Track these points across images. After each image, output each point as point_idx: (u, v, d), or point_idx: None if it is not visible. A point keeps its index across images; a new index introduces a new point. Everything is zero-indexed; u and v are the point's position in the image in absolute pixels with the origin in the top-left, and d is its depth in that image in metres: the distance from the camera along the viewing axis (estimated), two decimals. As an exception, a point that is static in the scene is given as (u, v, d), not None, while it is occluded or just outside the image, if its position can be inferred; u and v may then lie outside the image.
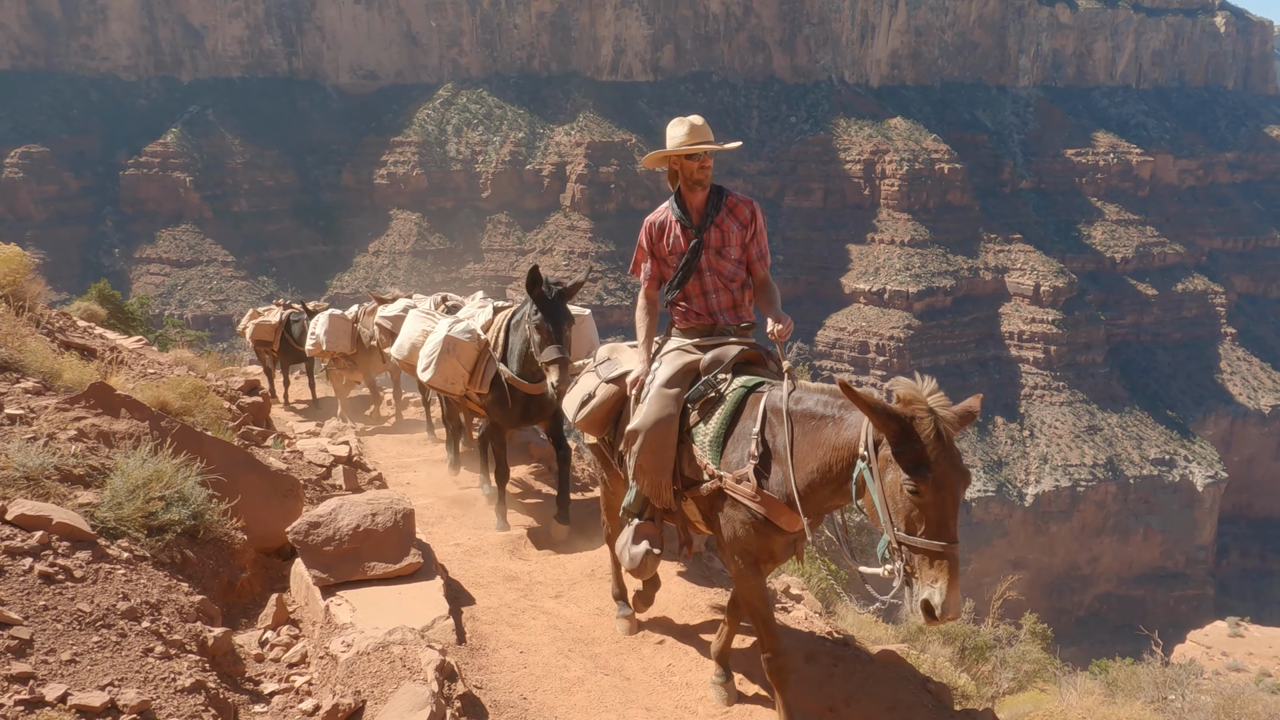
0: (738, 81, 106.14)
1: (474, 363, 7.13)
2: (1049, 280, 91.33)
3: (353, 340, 13.00)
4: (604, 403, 4.89)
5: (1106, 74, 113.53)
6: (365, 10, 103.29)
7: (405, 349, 8.18)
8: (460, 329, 7.16)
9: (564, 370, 6.04)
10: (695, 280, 4.67)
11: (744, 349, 4.48)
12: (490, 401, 7.09)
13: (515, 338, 6.87)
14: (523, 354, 6.75)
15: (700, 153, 4.62)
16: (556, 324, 6.24)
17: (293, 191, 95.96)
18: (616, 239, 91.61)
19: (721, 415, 4.14)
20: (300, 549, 4.76)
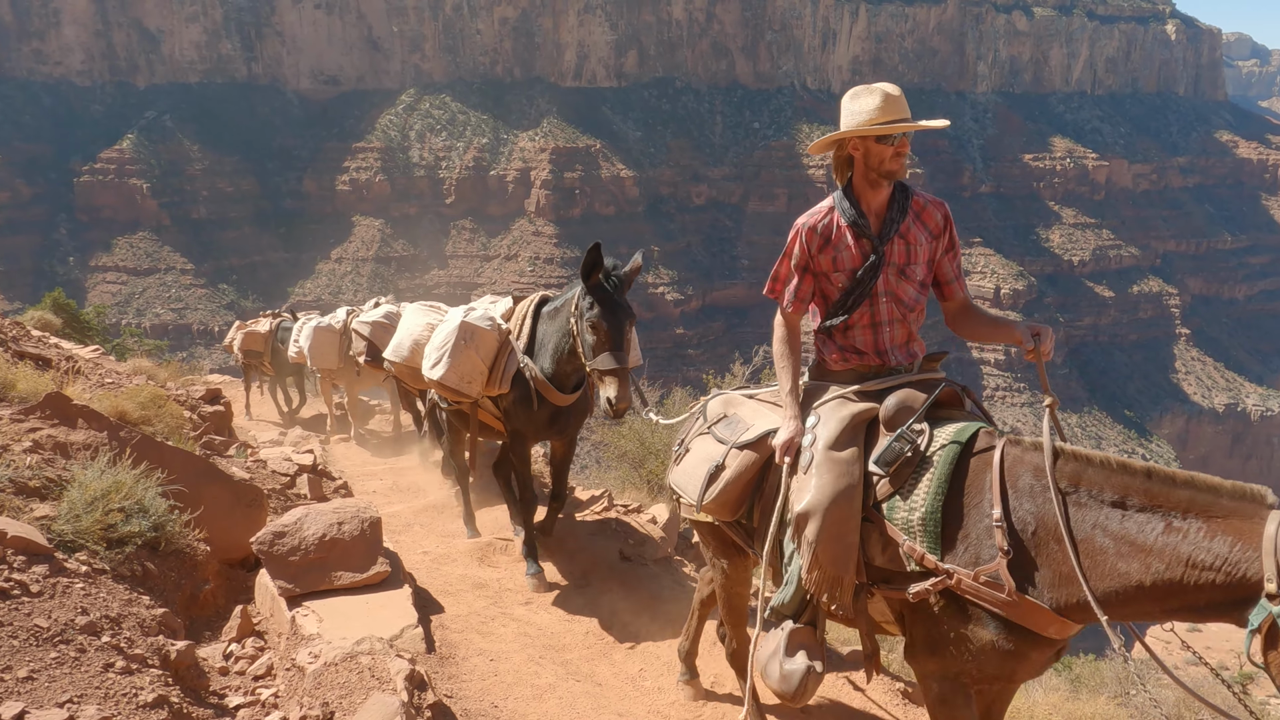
0: (701, 87, 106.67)
1: (493, 357, 5.93)
2: (1009, 283, 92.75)
3: (340, 355, 11.90)
4: (740, 475, 3.70)
5: (1062, 80, 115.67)
6: (326, 15, 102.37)
7: (406, 347, 6.81)
8: (477, 315, 6.05)
9: (624, 384, 4.96)
10: (865, 307, 3.59)
11: (939, 388, 3.44)
12: (511, 404, 5.91)
13: (548, 329, 5.73)
14: (559, 352, 5.59)
15: (897, 133, 3.54)
16: (618, 324, 5.07)
17: (253, 198, 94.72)
18: (582, 245, 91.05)
19: (932, 485, 3.08)
20: (265, 559, 4.69)
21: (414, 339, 6.74)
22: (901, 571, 3.12)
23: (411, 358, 6.73)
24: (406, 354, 6.78)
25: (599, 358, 5.04)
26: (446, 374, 5.89)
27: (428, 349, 6.19)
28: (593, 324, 5.09)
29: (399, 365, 6.97)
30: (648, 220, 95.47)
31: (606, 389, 4.97)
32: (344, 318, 12.13)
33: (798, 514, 3.29)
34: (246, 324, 15.87)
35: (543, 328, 5.81)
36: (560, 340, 5.58)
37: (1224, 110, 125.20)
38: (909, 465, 3.16)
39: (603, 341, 5.05)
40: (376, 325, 9.86)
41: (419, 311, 7.02)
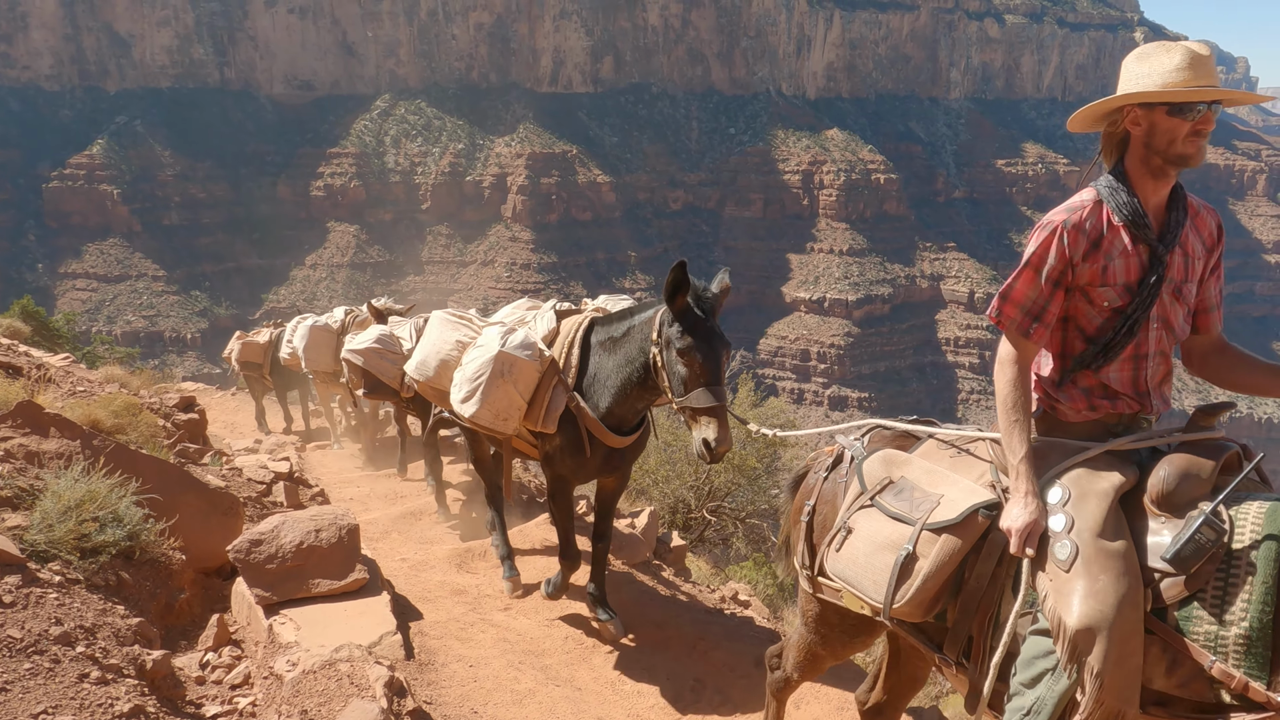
0: (677, 93, 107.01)
1: (534, 390, 5.10)
2: (983, 287, 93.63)
3: (336, 355, 10.64)
4: (942, 568, 2.82)
5: (1034, 87, 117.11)
6: (300, 20, 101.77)
7: (432, 367, 5.77)
8: (517, 341, 5.13)
9: (724, 425, 4.26)
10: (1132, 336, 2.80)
11: (1225, 451, 2.66)
12: (557, 449, 5.07)
13: (606, 362, 4.91)
14: (624, 388, 4.79)
15: (1202, 104, 2.62)
16: (714, 355, 4.35)
17: (226, 204, 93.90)
18: (559, 250, 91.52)
19: (1256, 593, 2.33)
20: (241, 568, 4.66)
21: (441, 358, 5.72)
22: (1198, 700, 2.39)
23: (438, 379, 5.75)
24: (432, 374, 5.77)
25: (693, 394, 4.29)
26: (479, 412, 5.10)
27: (458, 376, 5.34)
28: (684, 355, 4.32)
29: (422, 385, 5.94)
30: (625, 226, 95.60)
31: (703, 430, 4.26)
32: (341, 317, 11.24)
33: (1074, 630, 2.45)
34: (246, 335, 15.02)
35: (598, 360, 4.96)
36: (627, 375, 4.76)
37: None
38: (1212, 562, 2.41)
39: (697, 375, 4.32)
40: (371, 353, 8.27)
41: (448, 325, 5.87)
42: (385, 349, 8.26)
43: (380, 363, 8.22)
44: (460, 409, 5.21)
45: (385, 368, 8.15)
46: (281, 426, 14.51)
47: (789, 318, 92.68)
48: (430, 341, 5.88)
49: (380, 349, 8.28)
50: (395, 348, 8.19)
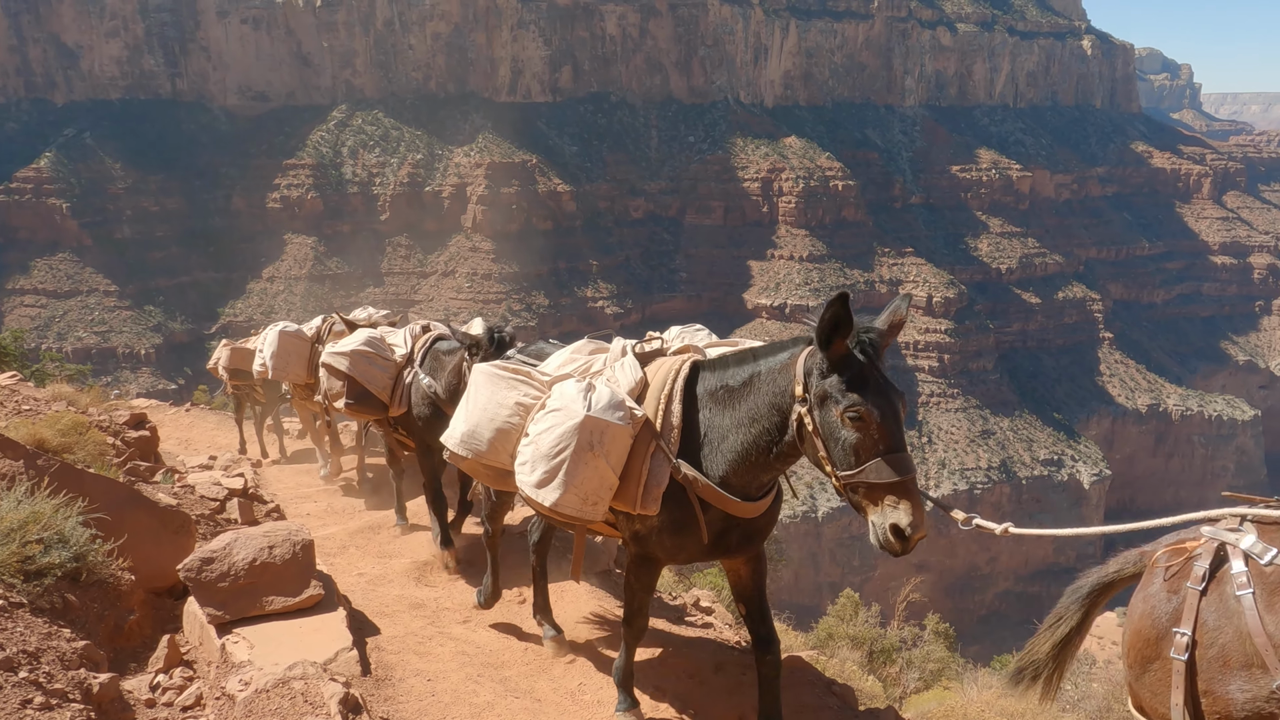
0: (636, 102, 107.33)
1: (626, 460, 4.06)
2: (940, 291, 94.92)
3: (310, 365, 9.83)
4: None
5: (986, 94, 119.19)
6: (253, 30, 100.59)
7: (484, 438, 4.50)
8: (604, 401, 4.06)
9: (917, 503, 3.35)
10: None
11: None
12: (655, 529, 4.09)
13: (721, 419, 3.96)
14: (751, 453, 3.84)
15: None
16: (895, 413, 3.48)
17: (179, 217, 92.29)
18: (520, 260, 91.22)
19: None
20: (193, 587, 4.59)
21: (498, 427, 4.46)
22: None
23: (494, 454, 4.48)
24: (486, 448, 4.47)
25: (869, 466, 3.34)
26: (564, 498, 4.01)
27: (527, 451, 4.19)
28: (854, 417, 3.39)
29: (470, 462, 4.61)
30: (586, 235, 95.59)
31: (888, 512, 3.32)
32: (318, 324, 10.30)
33: None
34: (235, 342, 13.50)
35: (708, 417, 4.00)
36: (752, 437, 3.82)
37: (1138, 122, 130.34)
38: None
39: (874, 441, 3.37)
40: (358, 357, 7.04)
41: (500, 382, 4.58)
42: (375, 353, 7.10)
43: (369, 369, 7.06)
44: (536, 495, 4.09)
45: (374, 375, 7.04)
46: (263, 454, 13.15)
47: (751, 324, 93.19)
48: (479, 405, 4.55)
49: (369, 353, 7.09)
50: (386, 353, 7.17)
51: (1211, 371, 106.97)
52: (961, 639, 13.57)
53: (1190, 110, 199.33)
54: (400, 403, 6.99)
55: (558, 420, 4.06)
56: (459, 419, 4.66)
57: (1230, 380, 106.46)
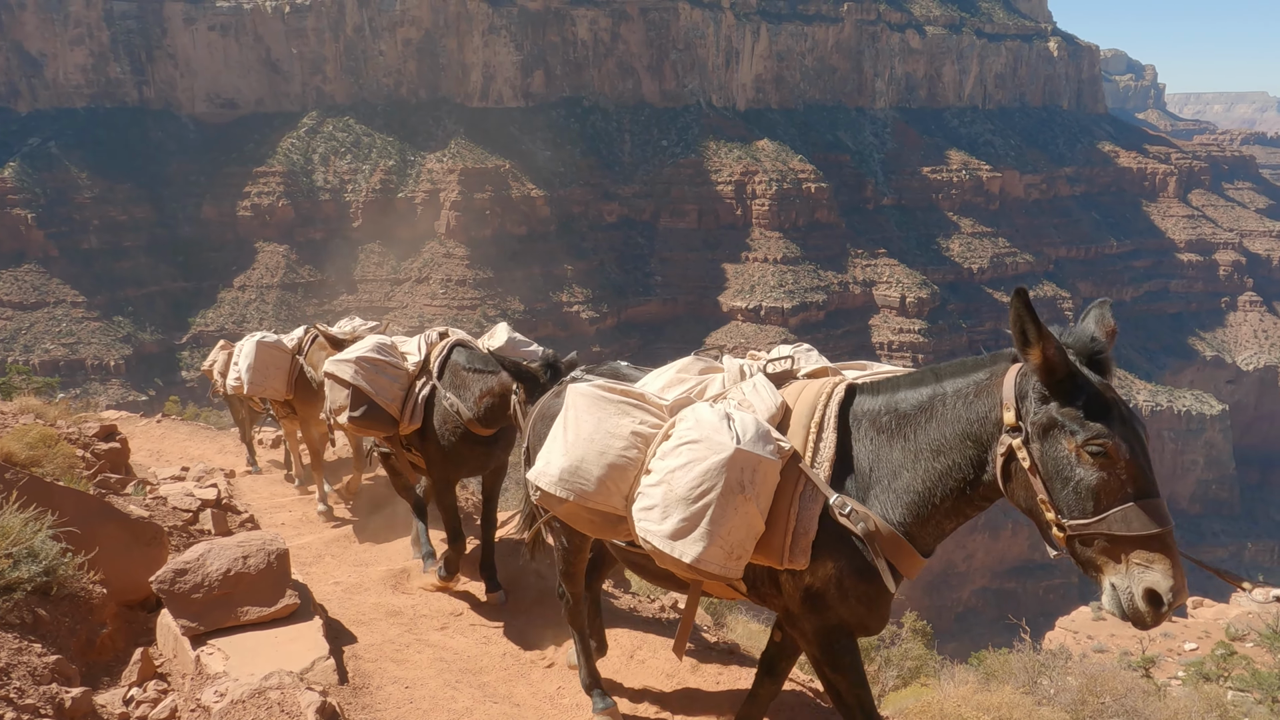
0: (609, 106, 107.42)
1: (773, 499, 3.37)
2: (914, 292, 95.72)
3: (290, 380, 9.16)
4: None
5: (955, 95, 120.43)
6: (221, 37, 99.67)
7: (593, 476, 3.69)
8: (753, 431, 3.35)
9: (1177, 562, 2.71)
10: None
11: None
12: (822, 585, 3.36)
13: (888, 449, 3.27)
14: (927, 496, 3.18)
15: None
16: (1143, 447, 2.81)
17: (148, 226, 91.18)
18: (494, 265, 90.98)
19: None
20: (166, 598, 4.55)
21: (610, 463, 3.65)
22: None
23: (603, 495, 3.66)
24: (594, 488, 3.65)
25: (1113, 515, 2.71)
26: (708, 552, 3.27)
27: (656, 494, 3.41)
28: (1096, 449, 2.74)
29: (571, 506, 3.77)
30: (560, 239, 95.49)
31: (1135, 573, 2.71)
32: (300, 335, 9.48)
33: None
34: (232, 344, 12.24)
35: (871, 448, 3.31)
36: (935, 475, 3.15)
37: (1105, 122, 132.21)
38: None
39: (1120, 482, 2.74)
40: (366, 365, 6.23)
41: (607, 407, 3.77)
42: (385, 361, 6.27)
43: (377, 379, 6.20)
44: (671, 548, 3.33)
45: (384, 386, 6.19)
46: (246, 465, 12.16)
47: (726, 327, 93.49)
48: (583, 434, 3.72)
49: (379, 361, 6.24)
50: (398, 361, 6.35)
51: (1180, 367, 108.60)
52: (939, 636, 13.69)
53: (1155, 110, 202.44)
54: (413, 418, 6.10)
55: (697, 454, 3.31)
56: (555, 453, 3.77)
57: (1198, 375, 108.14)
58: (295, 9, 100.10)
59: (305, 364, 8.97)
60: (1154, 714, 6.70)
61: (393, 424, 6.23)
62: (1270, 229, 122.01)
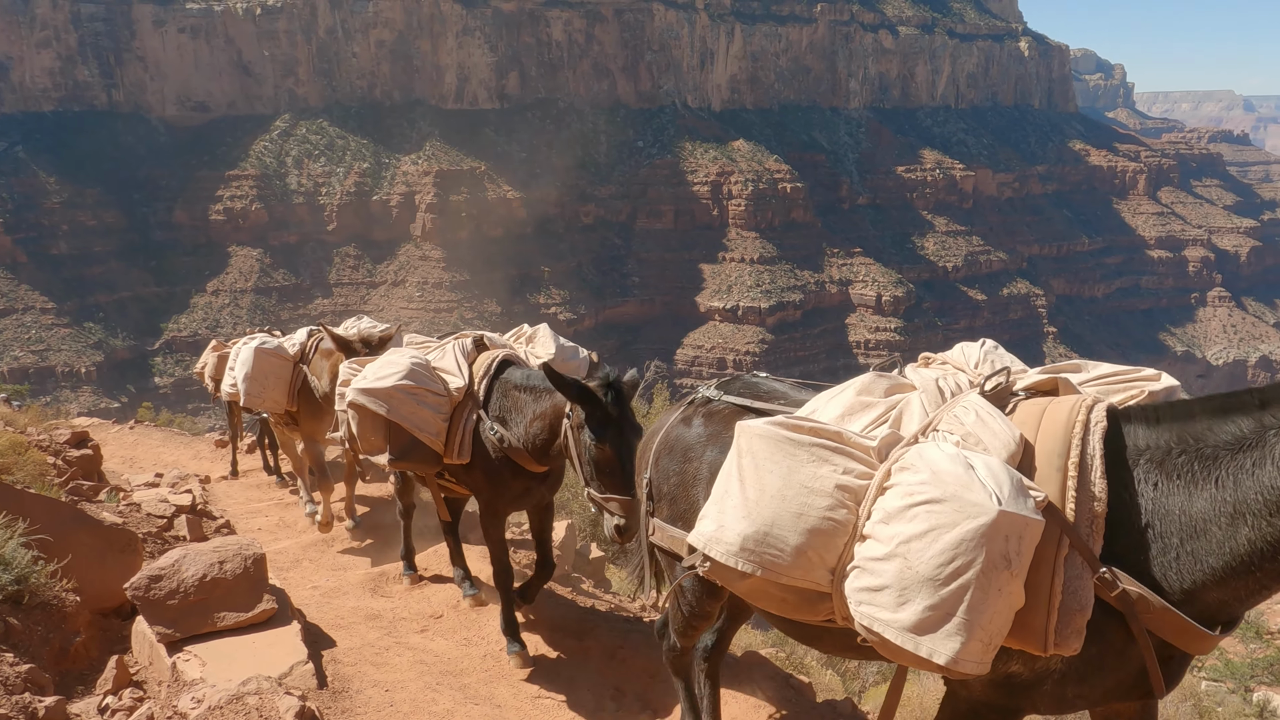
0: (584, 107, 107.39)
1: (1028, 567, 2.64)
2: (889, 290, 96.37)
3: (292, 392, 8.14)
4: None
5: (928, 95, 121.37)
6: (191, 39, 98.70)
7: (786, 544, 2.87)
8: (1009, 486, 2.56)
9: None
10: None
11: None
12: (1064, 673, 2.72)
13: (1188, 497, 2.55)
14: (1249, 557, 2.44)
15: None
16: None
17: (118, 231, 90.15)
18: (471, 268, 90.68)
19: None
20: (141, 605, 4.49)
21: (810, 526, 2.83)
22: None
23: (802, 568, 2.87)
24: (789, 560, 2.85)
25: None
26: (967, 648, 2.52)
27: (885, 568, 2.64)
28: None
29: (755, 581, 2.95)
30: (536, 241, 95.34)
31: None
32: (302, 340, 8.37)
33: None
34: (227, 345, 11.34)
35: (1157, 497, 2.58)
36: (1272, 536, 2.40)
37: (1075, 121, 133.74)
38: None
39: None
40: (400, 394, 5.18)
41: (797, 452, 2.92)
42: (423, 388, 5.21)
43: (417, 411, 5.18)
44: (916, 645, 2.56)
45: (427, 419, 5.19)
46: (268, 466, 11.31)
47: (704, 327, 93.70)
48: (768, 490, 2.87)
49: (414, 387, 5.18)
50: (435, 385, 5.25)
51: (1151, 362, 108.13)
52: (918, 631, 13.78)
53: (1124, 109, 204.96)
54: (461, 451, 5.14)
55: (943, 518, 2.54)
56: (730, 513, 2.92)
57: (1169, 370, 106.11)
58: (266, 11, 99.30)
59: (309, 373, 7.89)
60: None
61: (438, 461, 5.28)
62: (1237, 225, 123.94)
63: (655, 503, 3.79)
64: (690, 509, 3.51)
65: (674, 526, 3.64)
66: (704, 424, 3.68)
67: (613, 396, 4.35)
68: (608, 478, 4.30)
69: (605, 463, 4.29)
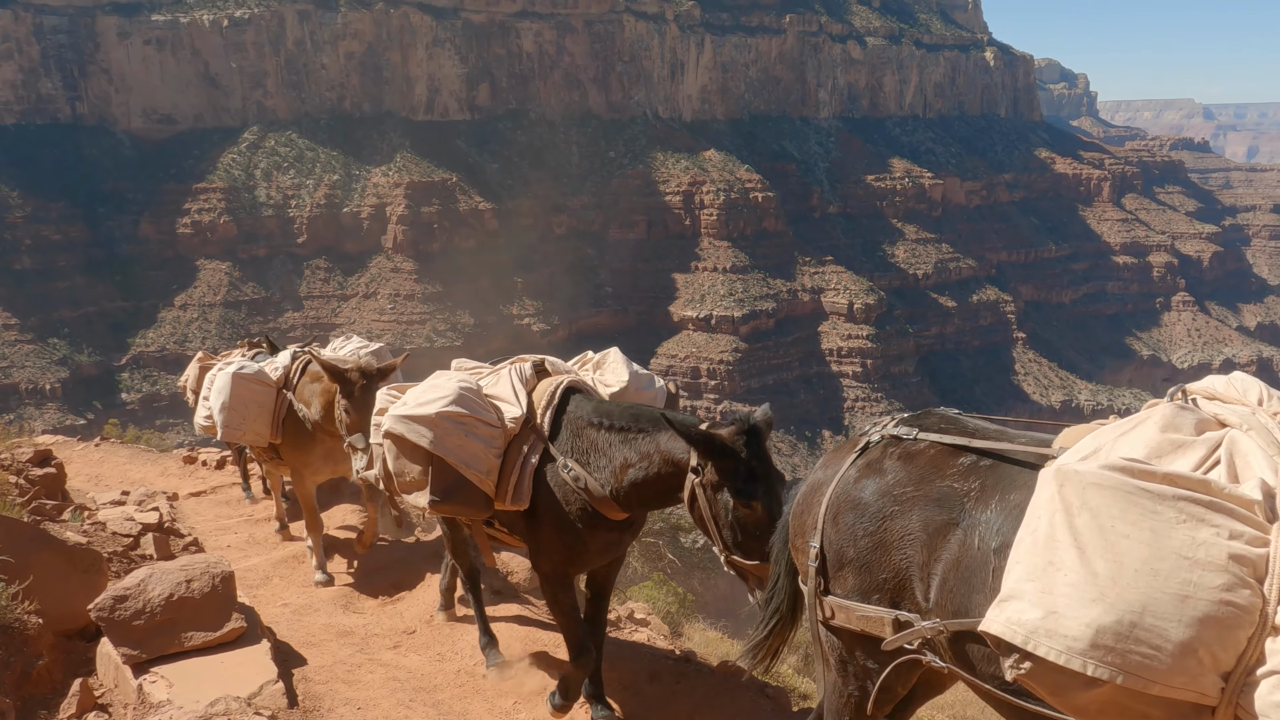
0: (555, 118, 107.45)
1: None
2: (861, 298, 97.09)
3: (276, 422, 7.11)
4: None
5: (896, 105, 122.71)
6: (157, 51, 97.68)
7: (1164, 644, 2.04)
8: None
9: None
10: None
11: None
12: None
13: None
14: None
15: None
16: None
17: (83, 245, 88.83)
18: (443, 279, 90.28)
19: None
20: (106, 626, 4.41)
21: (1202, 614, 2.04)
22: None
23: (1183, 673, 2.07)
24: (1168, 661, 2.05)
25: None
26: None
27: None
28: None
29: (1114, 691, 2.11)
30: (509, 252, 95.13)
31: None
32: (287, 363, 7.33)
33: None
34: (214, 357, 10.61)
35: None
36: None
37: (1041, 130, 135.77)
38: None
39: None
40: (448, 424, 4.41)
41: (1149, 505, 2.14)
42: (472, 416, 4.43)
43: (469, 446, 4.39)
44: None
45: (477, 454, 4.40)
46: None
47: (678, 336, 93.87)
48: (1128, 562, 2.11)
49: (464, 415, 4.40)
50: (488, 414, 4.49)
51: (1119, 367, 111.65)
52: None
53: (1088, 118, 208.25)
54: (517, 496, 4.37)
55: None
56: (1064, 594, 2.15)
57: (1136, 374, 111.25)
58: (234, 23, 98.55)
59: (296, 400, 6.98)
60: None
61: (488, 505, 4.48)
62: (1200, 231, 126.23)
63: (832, 573, 3.01)
64: (896, 578, 2.82)
65: (867, 603, 2.90)
66: (903, 469, 2.93)
67: (754, 446, 3.70)
68: (756, 541, 3.60)
69: (755, 525, 3.62)
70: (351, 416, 6.03)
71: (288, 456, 7.19)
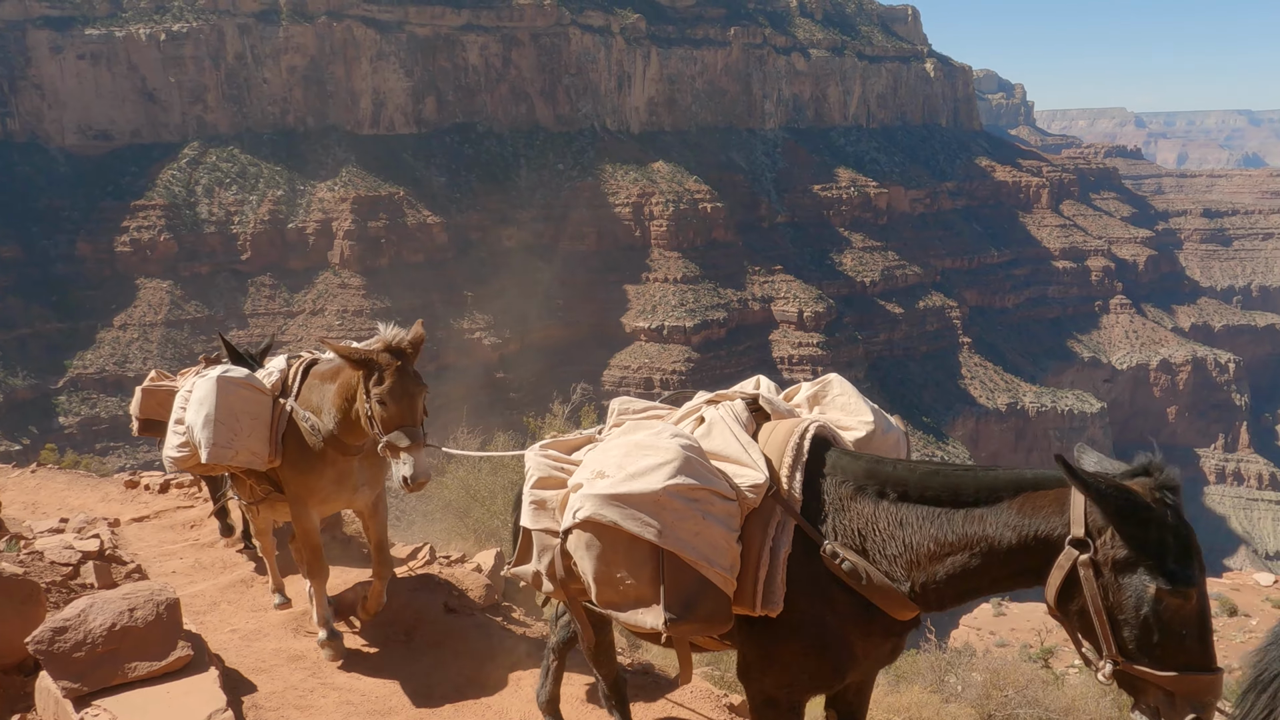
0: (503, 131, 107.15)
1: None
2: (810, 306, 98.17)
3: (274, 439, 5.61)
4: None
5: (841, 115, 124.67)
6: (92, 66, 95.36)
7: None
8: None
9: None
10: None
11: None
12: None
13: None
14: None
15: None
16: None
17: (16, 265, 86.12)
18: (392, 294, 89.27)
19: None
20: (45, 659, 4.26)
21: None
22: None
23: None
24: None
25: None
26: None
27: None
28: None
29: None
30: (459, 266, 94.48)
31: None
32: (282, 367, 5.93)
33: None
34: (167, 377, 8.94)
35: None
36: None
37: (981, 139, 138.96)
38: None
39: None
40: (676, 504, 3.08)
41: None
42: (706, 488, 3.14)
43: (704, 528, 3.12)
44: None
45: (715, 540, 3.13)
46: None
47: (630, 348, 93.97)
48: None
49: (698, 489, 3.12)
50: (720, 484, 3.18)
51: (1061, 369, 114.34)
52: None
53: (1025, 126, 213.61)
54: (770, 597, 3.09)
55: None
56: None
57: (1078, 376, 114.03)
58: (171, 37, 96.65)
59: (299, 409, 5.56)
60: (1053, 702, 6.97)
61: (728, 615, 3.13)
62: (1135, 236, 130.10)
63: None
64: None
65: None
66: None
67: (1179, 507, 2.58)
68: (1179, 645, 2.51)
69: (1184, 622, 2.50)
70: (389, 408, 4.79)
71: (289, 482, 5.61)
